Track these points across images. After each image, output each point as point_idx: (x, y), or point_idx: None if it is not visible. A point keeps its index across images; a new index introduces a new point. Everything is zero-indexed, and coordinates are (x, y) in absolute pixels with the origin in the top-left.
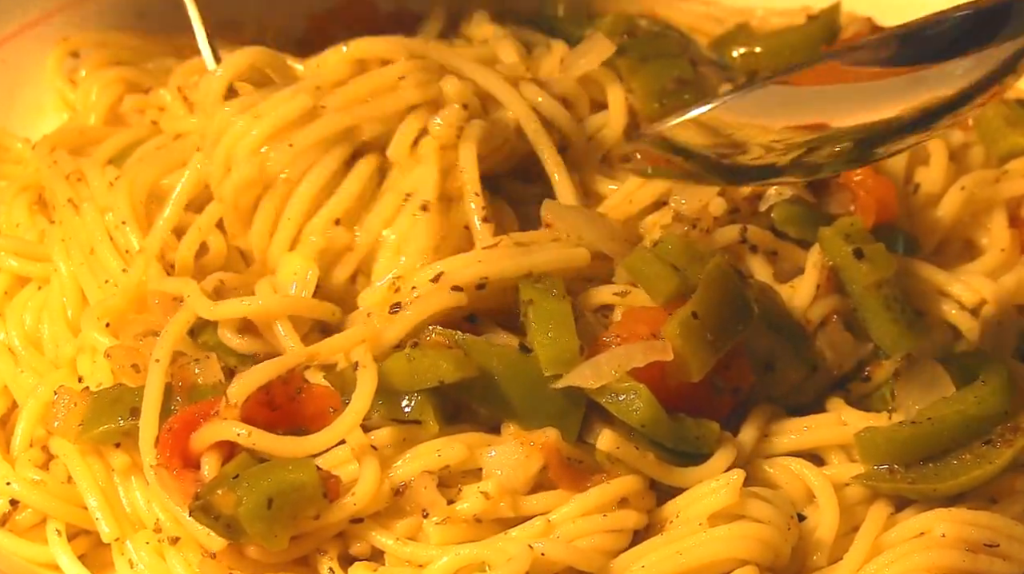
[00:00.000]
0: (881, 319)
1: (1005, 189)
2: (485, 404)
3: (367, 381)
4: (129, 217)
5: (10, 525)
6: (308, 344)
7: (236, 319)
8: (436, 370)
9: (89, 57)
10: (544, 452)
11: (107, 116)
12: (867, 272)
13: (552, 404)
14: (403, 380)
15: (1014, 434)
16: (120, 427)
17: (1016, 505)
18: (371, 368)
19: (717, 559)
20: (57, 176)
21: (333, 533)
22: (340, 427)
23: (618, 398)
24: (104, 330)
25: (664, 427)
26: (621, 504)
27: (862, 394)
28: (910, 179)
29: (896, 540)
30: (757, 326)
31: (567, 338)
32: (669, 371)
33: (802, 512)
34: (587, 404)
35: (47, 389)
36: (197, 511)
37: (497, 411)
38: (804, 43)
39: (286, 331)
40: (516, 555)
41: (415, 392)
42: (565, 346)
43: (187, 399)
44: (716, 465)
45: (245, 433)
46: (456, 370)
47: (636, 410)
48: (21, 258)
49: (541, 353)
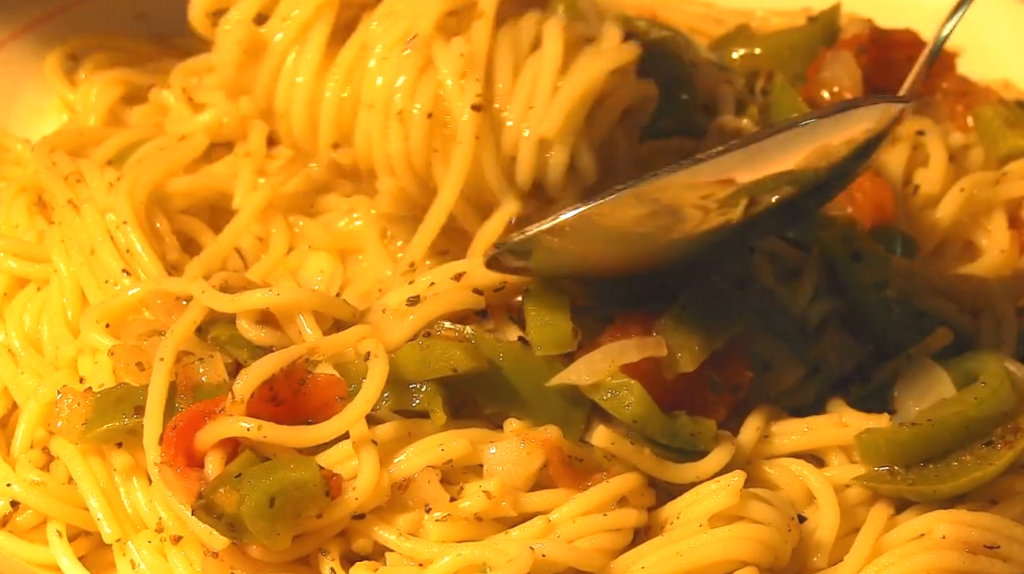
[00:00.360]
0: (881, 320)
1: (1004, 190)
2: (491, 399)
3: (378, 370)
4: (130, 217)
5: (10, 526)
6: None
7: (255, 311)
8: (449, 359)
9: (89, 59)
10: (545, 449)
11: (107, 117)
12: (865, 273)
13: (556, 401)
14: (415, 369)
15: (1014, 435)
16: (124, 425)
17: (1016, 506)
18: (383, 358)
19: (717, 560)
20: (56, 177)
21: (335, 531)
22: (351, 414)
23: (611, 394)
24: (104, 331)
25: (657, 423)
26: (620, 503)
27: (862, 395)
28: (909, 180)
29: (896, 541)
30: (755, 327)
31: (561, 321)
32: (664, 364)
33: (802, 513)
34: (591, 403)
35: (48, 390)
36: (199, 510)
37: (503, 407)
38: (804, 44)
39: (309, 325)
40: (517, 556)
41: (424, 383)
42: (558, 328)
43: (191, 398)
44: (713, 462)
45: (254, 426)
46: (469, 359)
47: (628, 405)
48: (20, 259)
49: (534, 335)
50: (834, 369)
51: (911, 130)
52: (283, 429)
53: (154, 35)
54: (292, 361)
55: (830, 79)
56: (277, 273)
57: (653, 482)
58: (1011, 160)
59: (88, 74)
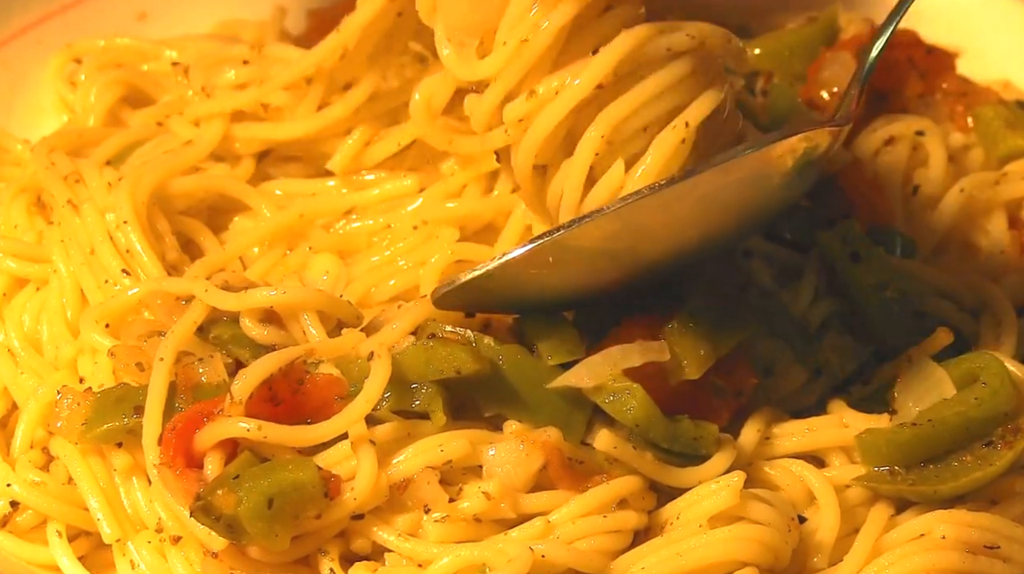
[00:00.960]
0: (881, 321)
1: (1004, 191)
2: (492, 401)
3: (381, 369)
4: (131, 217)
5: (10, 527)
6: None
7: (259, 310)
8: (454, 360)
9: (89, 59)
10: (545, 451)
11: (106, 118)
12: (865, 274)
13: (557, 403)
14: (418, 370)
15: (1014, 436)
16: (124, 425)
17: (1016, 507)
18: (386, 358)
19: (717, 561)
20: (55, 177)
21: (335, 532)
22: (352, 413)
23: (613, 398)
24: (104, 331)
25: (659, 427)
26: (620, 505)
27: (863, 396)
28: (909, 181)
29: (897, 542)
30: (758, 330)
31: (563, 329)
32: (669, 369)
33: (803, 514)
34: (592, 405)
35: (47, 390)
36: (198, 511)
37: (503, 409)
38: (804, 44)
39: (313, 324)
40: (517, 557)
41: (425, 384)
42: (564, 335)
43: (191, 398)
44: (715, 466)
45: (254, 427)
46: (473, 361)
47: (630, 409)
48: (19, 259)
49: (542, 346)
50: (836, 371)
51: (911, 130)
52: (283, 429)
53: (154, 35)
54: (290, 362)
55: (830, 79)
56: (276, 273)
57: (654, 485)
58: (1011, 160)
59: (88, 75)
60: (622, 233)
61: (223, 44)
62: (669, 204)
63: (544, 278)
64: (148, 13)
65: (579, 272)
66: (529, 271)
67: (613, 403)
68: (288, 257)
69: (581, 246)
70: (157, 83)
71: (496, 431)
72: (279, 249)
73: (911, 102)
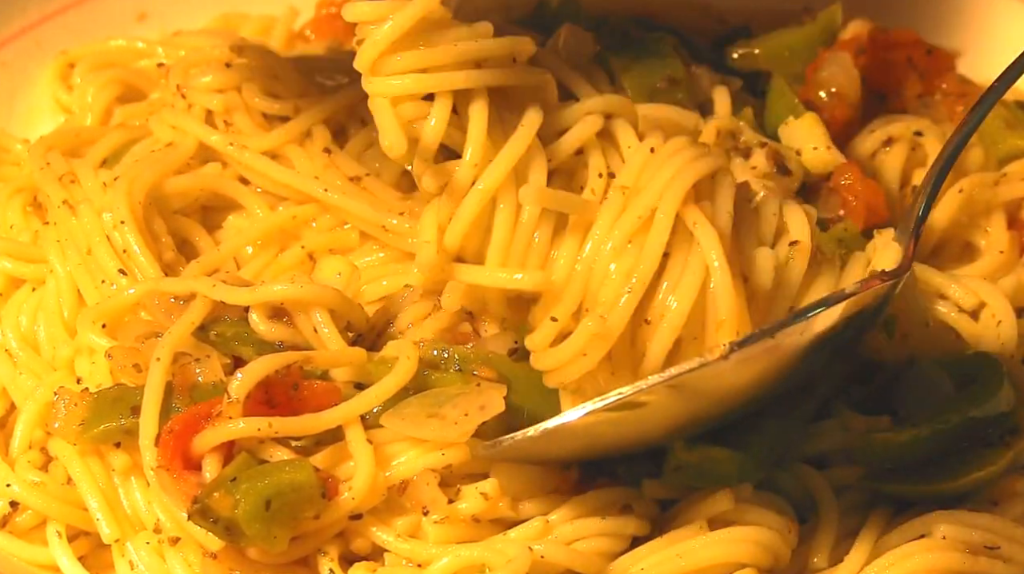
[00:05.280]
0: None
1: (1004, 192)
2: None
3: (402, 370)
4: (128, 217)
5: (10, 527)
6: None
7: (268, 306)
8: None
9: (84, 61)
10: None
11: (103, 117)
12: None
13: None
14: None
15: (1014, 436)
16: (121, 426)
17: (1017, 507)
18: (412, 361)
19: (717, 562)
20: (50, 178)
21: (333, 532)
22: (361, 402)
23: None
24: (101, 332)
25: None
26: (624, 510)
27: (863, 397)
28: (908, 181)
29: (897, 542)
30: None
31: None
32: None
33: (803, 515)
34: None
35: (46, 391)
36: (196, 515)
37: (511, 420)
38: (804, 44)
39: (324, 322)
40: (516, 557)
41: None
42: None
43: (188, 398)
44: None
45: (265, 425)
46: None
47: None
48: (15, 260)
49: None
50: (836, 378)
51: (909, 131)
52: (292, 420)
53: (154, 35)
54: (287, 364)
55: (828, 80)
56: (269, 273)
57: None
58: (1010, 161)
59: (84, 75)
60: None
61: (214, 41)
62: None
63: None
64: (148, 13)
65: (638, 432)
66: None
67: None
68: (281, 257)
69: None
70: (151, 80)
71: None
72: (272, 249)
73: (910, 102)
